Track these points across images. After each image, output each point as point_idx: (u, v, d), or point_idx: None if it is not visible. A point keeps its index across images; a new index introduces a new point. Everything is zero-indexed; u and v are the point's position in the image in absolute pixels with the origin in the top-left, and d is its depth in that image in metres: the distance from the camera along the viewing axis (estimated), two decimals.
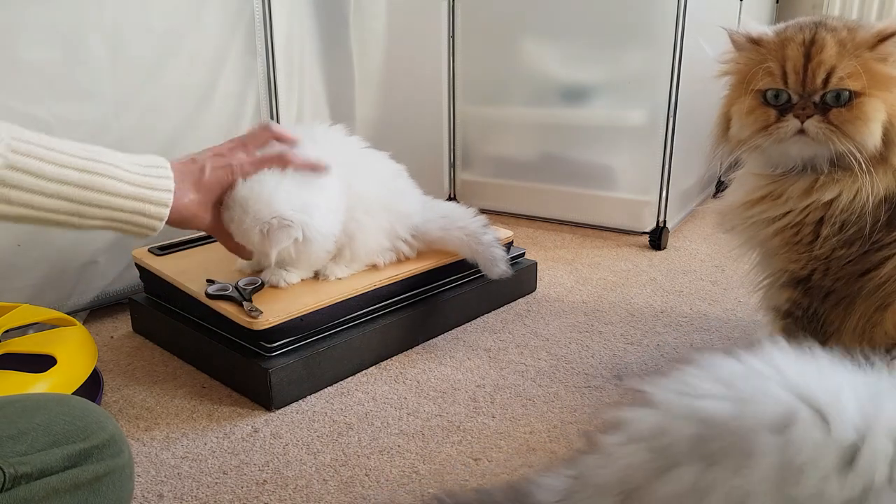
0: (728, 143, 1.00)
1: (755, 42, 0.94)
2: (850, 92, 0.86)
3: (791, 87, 0.89)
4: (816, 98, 0.88)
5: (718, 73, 1.00)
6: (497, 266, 1.24)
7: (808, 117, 0.88)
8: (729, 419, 0.54)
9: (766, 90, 0.91)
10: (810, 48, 0.87)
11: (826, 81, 0.86)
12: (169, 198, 0.91)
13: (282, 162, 1.04)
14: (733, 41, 0.97)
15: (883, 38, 0.85)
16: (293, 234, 1.04)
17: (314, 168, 1.08)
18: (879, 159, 0.88)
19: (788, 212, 0.95)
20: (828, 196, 0.91)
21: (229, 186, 1.00)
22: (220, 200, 1.00)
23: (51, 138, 0.83)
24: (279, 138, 1.06)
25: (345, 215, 1.15)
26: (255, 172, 1.01)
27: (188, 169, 0.95)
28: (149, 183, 0.90)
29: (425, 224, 1.27)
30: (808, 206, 0.93)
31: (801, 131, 0.89)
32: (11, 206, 0.80)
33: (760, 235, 1.00)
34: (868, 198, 0.89)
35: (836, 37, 0.86)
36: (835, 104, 0.87)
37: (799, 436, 0.51)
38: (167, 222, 0.92)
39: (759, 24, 0.96)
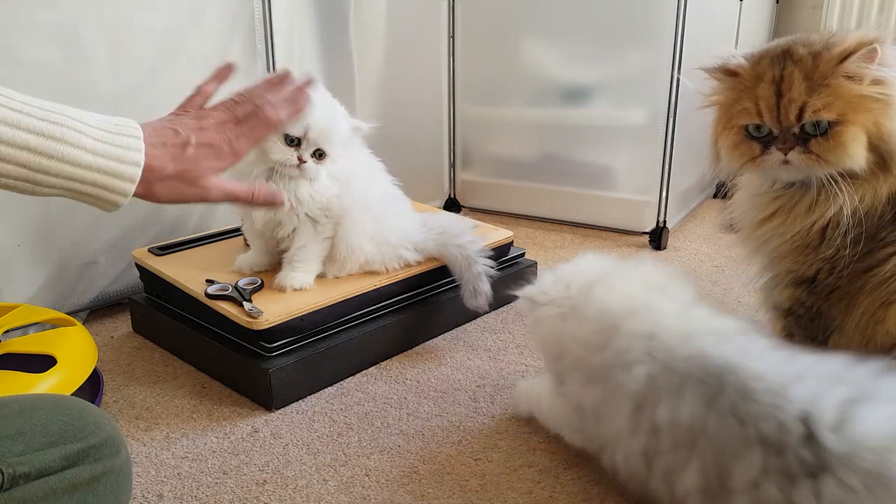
0: (721, 170, 1.01)
1: (732, 74, 0.94)
2: (828, 121, 0.86)
3: (768, 124, 0.90)
4: (796, 130, 0.88)
5: (702, 105, 1.00)
6: (476, 299, 1.23)
7: (791, 150, 0.89)
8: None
9: (747, 125, 0.92)
10: (780, 85, 0.88)
11: (799, 116, 0.87)
12: (136, 172, 0.79)
13: (269, 128, 0.89)
14: (711, 76, 0.97)
15: (845, 58, 0.85)
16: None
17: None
18: (881, 168, 0.88)
19: (798, 231, 0.95)
20: (830, 212, 0.92)
21: (212, 171, 0.85)
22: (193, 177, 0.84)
23: (14, 96, 0.73)
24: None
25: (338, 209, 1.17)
26: (245, 152, 0.88)
27: (167, 137, 0.82)
28: (116, 154, 0.78)
29: (424, 242, 1.28)
30: (813, 221, 0.93)
31: (786, 162, 0.90)
32: None
33: (769, 247, 1.01)
34: (871, 205, 0.90)
35: (803, 69, 0.86)
36: (814, 133, 0.88)
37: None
38: (143, 197, 0.81)
39: (734, 52, 0.94)
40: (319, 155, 1.13)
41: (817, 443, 0.61)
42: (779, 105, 0.88)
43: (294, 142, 1.10)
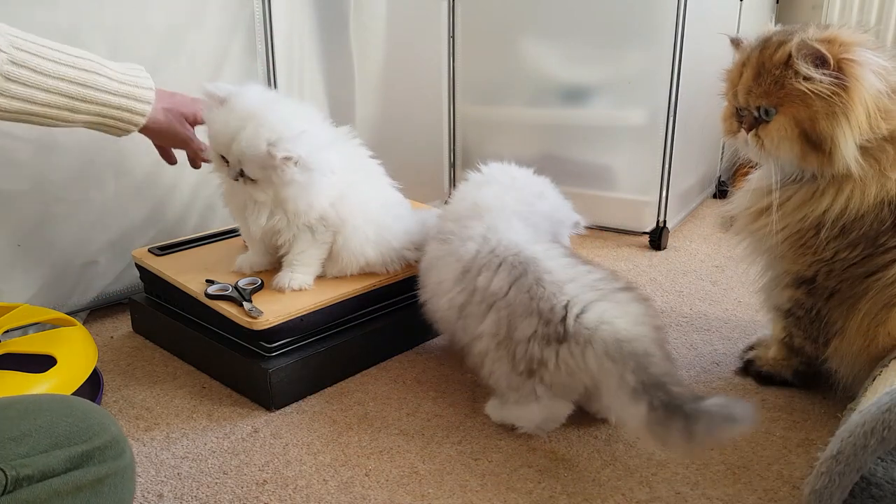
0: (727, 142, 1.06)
1: (737, 45, 1.00)
2: (768, 108, 0.93)
3: (730, 101, 1.00)
4: (756, 112, 0.95)
5: (723, 74, 1.05)
6: None
7: (749, 130, 0.96)
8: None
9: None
10: (742, 68, 0.96)
11: (746, 99, 0.95)
12: (151, 95, 1.04)
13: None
14: (731, 44, 1.03)
15: (790, 54, 0.90)
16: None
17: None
18: (829, 163, 0.92)
19: (788, 224, 0.98)
20: (820, 208, 0.94)
21: (191, 116, 1.15)
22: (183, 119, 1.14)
23: (45, 39, 0.93)
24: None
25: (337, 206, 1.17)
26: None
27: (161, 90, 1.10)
28: (135, 82, 1.02)
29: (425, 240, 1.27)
30: (803, 217, 0.96)
31: (747, 141, 0.97)
32: (13, 100, 0.89)
33: (766, 243, 1.02)
34: (860, 206, 0.91)
35: (763, 57, 0.93)
36: (765, 119, 0.94)
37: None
38: (146, 125, 1.06)
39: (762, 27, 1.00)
40: (242, 174, 1.09)
41: (566, 323, 0.90)
42: (738, 85, 0.96)
43: (225, 160, 1.11)
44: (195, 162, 1.23)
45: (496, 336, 0.96)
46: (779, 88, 0.91)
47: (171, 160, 1.24)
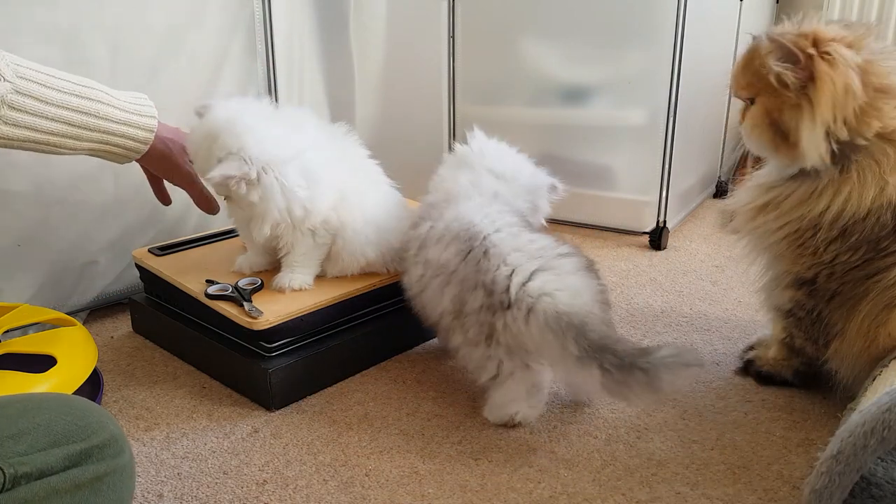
0: None
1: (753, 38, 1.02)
2: (753, 99, 0.98)
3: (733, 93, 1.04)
4: (748, 102, 1.00)
5: None
6: None
7: (742, 119, 1.01)
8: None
9: None
10: (739, 61, 1.01)
11: (735, 89, 1.01)
12: (154, 123, 1.04)
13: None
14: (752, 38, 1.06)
15: (767, 50, 0.94)
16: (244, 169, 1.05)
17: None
18: (795, 156, 0.95)
19: (787, 223, 0.98)
20: (817, 209, 0.95)
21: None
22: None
23: (48, 68, 0.93)
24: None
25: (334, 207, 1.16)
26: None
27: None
28: (139, 110, 1.02)
29: None
30: (800, 216, 0.96)
31: None
32: (17, 128, 0.89)
33: (766, 242, 1.02)
34: (858, 208, 0.91)
35: (755, 50, 0.97)
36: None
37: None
38: (147, 153, 1.05)
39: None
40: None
41: (510, 292, 0.94)
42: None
43: None
44: (202, 205, 1.19)
45: (453, 312, 1.01)
46: (757, 80, 0.96)
47: (166, 199, 1.21)
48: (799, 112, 0.92)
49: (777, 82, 0.93)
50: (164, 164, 1.11)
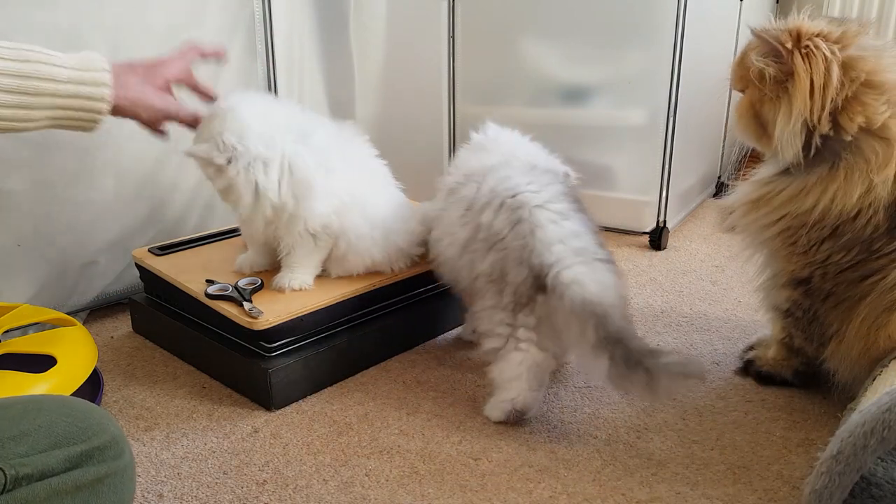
0: None
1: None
2: (743, 91, 1.01)
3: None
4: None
5: None
6: None
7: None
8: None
9: None
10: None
11: (732, 81, 1.03)
12: (106, 77, 0.91)
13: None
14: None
15: (753, 48, 0.97)
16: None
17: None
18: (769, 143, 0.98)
19: (780, 218, 0.99)
20: (805, 206, 0.95)
21: (175, 79, 1.04)
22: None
23: None
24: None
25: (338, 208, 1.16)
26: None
27: (119, 63, 0.96)
28: (84, 66, 0.89)
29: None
30: (790, 213, 0.97)
31: None
32: None
33: (761, 238, 1.02)
34: (843, 207, 0.91)
35: (751, 45, 0.99)
36: None
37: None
38: (116, 107, 0.93)
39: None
40: None
41: (547, 279, 0.97)
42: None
43: None
44: (191, 122, 1.08)
45: (491, 276, 1.03)
46: (747, 74, 0.98)
47: (162, 135, 1.07)
48: (777, 105, 0.95)
49: (758, 77, 0.95)
50: (138, 111, 0.98)
